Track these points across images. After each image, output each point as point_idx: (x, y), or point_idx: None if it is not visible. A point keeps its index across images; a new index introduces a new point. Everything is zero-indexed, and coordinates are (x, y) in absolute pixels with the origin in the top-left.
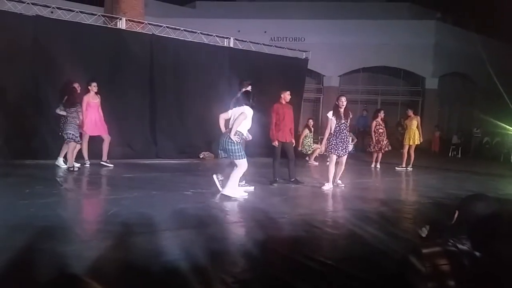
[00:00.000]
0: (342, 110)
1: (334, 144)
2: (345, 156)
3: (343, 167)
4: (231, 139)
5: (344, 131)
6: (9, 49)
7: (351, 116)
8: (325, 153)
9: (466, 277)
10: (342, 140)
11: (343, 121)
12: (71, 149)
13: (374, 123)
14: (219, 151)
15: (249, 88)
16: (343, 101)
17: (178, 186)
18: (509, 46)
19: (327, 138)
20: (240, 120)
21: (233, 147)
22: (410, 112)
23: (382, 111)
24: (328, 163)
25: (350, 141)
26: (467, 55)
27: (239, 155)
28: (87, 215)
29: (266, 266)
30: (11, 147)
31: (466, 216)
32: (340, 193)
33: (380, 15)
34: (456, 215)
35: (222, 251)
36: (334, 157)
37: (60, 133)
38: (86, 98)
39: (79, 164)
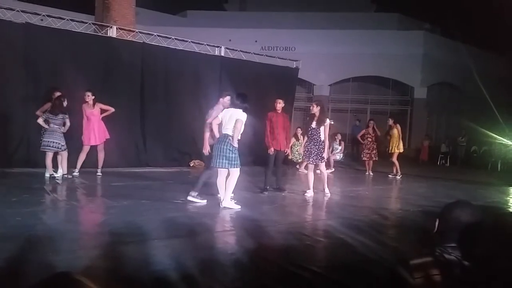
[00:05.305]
0: (312, 115)
1: (306, 151)
2: (322, 164)
3: (323, 174)
4: (232, 146)
5: (313, 137)
6: None
7: (326, 123)
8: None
9: (456, 286)
10: (310, 147)
11: (312, 127)
12: (64, 157)
13: (363, 132)
14: (221, 161)
15: (226, 98)
16: (314, 106)
17: (168, 194)
18: (496, 56)
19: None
20: (239, 128)
21: (232, 155)
22: (391, 121)
23: (371, 121)
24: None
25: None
26: (455, 65)
27: (236, 163)
28: (76, 224)
29: (256, 275)
30: None
31: (449, 224)
32: (329, 201)
33: (370, 26)
34: (437, 224)
35: (212, 260)
36: (309, 165)
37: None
38: (83, 108)
39: (60, 174)
